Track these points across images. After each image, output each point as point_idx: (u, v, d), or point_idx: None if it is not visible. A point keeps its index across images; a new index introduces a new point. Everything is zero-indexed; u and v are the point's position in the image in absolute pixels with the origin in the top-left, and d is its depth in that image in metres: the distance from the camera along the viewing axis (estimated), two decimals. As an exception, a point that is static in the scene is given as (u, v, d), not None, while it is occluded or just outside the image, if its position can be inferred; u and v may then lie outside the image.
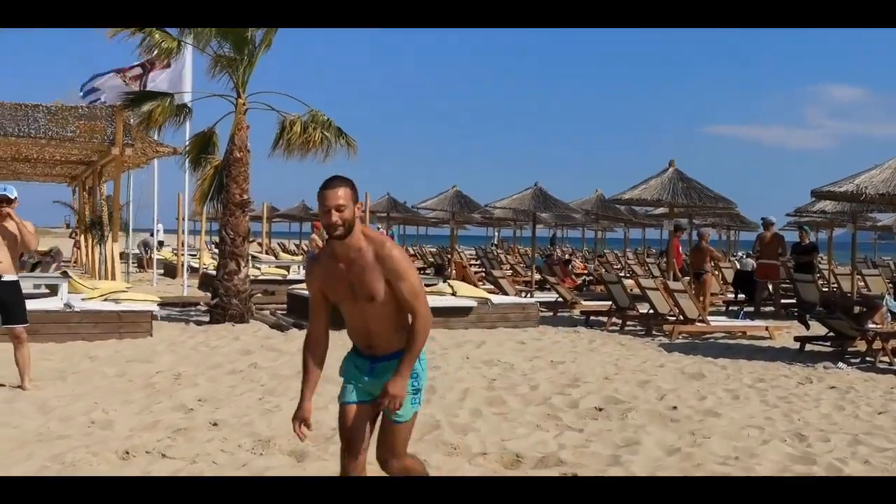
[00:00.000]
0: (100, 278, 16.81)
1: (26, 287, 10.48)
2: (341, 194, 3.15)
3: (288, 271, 18.87)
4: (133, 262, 26.13)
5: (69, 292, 10.45)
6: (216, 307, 11.52)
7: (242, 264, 11.70)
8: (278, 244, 33.00)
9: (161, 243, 28.08)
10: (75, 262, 23.99)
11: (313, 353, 3.43)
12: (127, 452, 4.94)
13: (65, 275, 10.74)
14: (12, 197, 6.75)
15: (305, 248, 29.34)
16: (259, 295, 16.38)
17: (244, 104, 11.80)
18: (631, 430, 5.89)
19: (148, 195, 18.99)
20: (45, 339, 9.18)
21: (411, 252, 35.75)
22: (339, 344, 3.75)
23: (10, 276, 6.69)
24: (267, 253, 28.37)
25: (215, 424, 5.74)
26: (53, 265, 16.18)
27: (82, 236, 20.94)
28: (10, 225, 6.68)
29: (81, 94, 15.36)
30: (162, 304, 13.86)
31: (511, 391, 7.31)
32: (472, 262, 27.40)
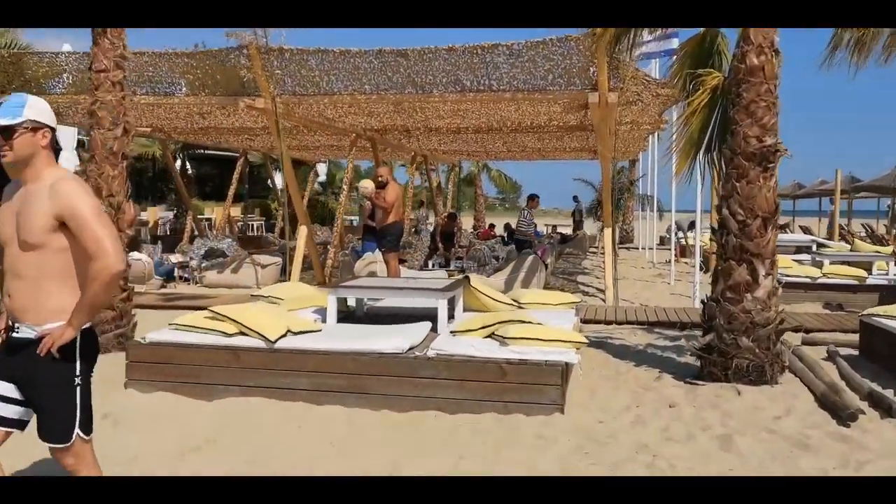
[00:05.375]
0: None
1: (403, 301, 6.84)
2: None
3: (869, 271, 12.19)
4: (667, 248, 21.93)
5: (465, 308, 6.38)
6: (708, 350, 6.20)
7: (762, 272, 6.12)
8: (863, 226, 24.84)
9: (692, 225, 22.99)
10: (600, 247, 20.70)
11: None
12: None
13: (466, 280, 6.69)
14: None
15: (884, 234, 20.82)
16: (821, 312, 10.35)
17: (769, -35, 6.17)
18: None
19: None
20: (379, 405, 5.23)
21: None
22: None
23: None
24: (845, 239, 20.95)
25: None
26: (536, 253, 12.64)
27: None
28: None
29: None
30: (655, 325, 9.13)
31: None
32: None
